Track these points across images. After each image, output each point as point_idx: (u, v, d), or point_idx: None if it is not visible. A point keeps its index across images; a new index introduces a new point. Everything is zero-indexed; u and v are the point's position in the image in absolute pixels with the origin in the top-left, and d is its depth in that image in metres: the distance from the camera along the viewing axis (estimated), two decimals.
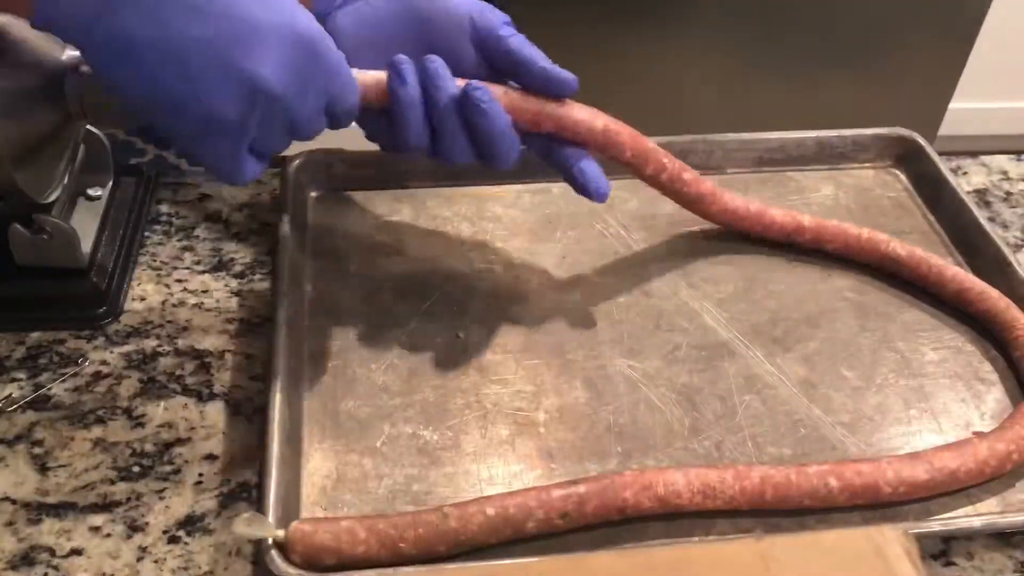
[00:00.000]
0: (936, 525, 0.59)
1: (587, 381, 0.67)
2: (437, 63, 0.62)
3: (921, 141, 0.85)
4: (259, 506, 0.57)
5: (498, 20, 0.65)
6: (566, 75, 0.64)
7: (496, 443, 0.63)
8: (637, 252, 0.78)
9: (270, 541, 0.54)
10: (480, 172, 0.74)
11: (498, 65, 0.65)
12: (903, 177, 0.85)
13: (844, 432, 0.64)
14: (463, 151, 0.64)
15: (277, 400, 0.61)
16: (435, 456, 0.62)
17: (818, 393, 0.67)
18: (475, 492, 0.59)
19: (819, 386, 0.67)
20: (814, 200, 0.83)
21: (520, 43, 0.64)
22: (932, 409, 0.66)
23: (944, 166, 0.82)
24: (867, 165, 0.86)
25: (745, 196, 0.77)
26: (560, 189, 0.81)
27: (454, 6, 0.65)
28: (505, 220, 0.80)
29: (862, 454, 0.63)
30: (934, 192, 0.82)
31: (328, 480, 0.60)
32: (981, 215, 0.77)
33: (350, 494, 0.60)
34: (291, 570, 0.53)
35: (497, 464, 0.62)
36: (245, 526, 0.53)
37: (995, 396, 0.67)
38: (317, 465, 0.61)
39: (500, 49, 0.64)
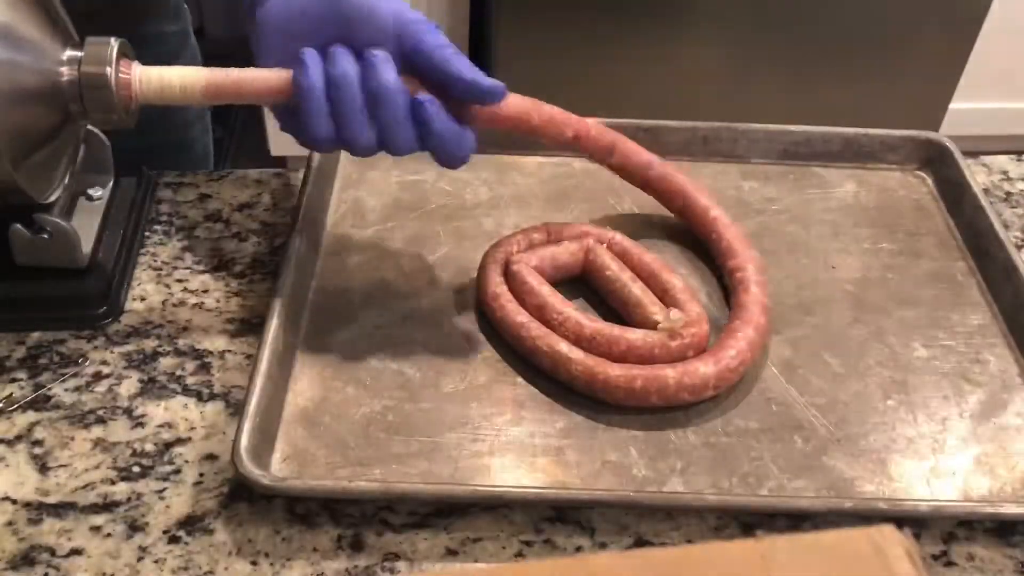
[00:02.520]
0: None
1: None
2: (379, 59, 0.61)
3: (949, 145, 0.84)
4: (240, 414, 0.60)
5: (422, 28, 0.62)
6: (492, 84, 0.61)
7: (474, 387, 0.66)
8: (645, 229, 0.78)
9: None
10: (505, 140, 0.79)
11: (424, 75, 0.62)
12: (929, 180, 0.85)
13: (816, 413, 0.65)
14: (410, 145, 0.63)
15: (274, 322, 0.65)
16: (414, 392, 0.66)
17: (797, 375, 0.68)
18: (446, 428, 0.63)
19: (800, 369, 0.68)
20: (834, 196, 0.83)
21: (444, 57, 0.61)
22: (910, 401, 0.67)
23: (968, 171, 0.81)
24: (894, 166, 0.86)
25: (763, 185, 0.81)
26: (581, 163, 0.83)
27: (378, 10, 0.62)
28: (522, 188, 0.82)
29: (830, 436, 0.64)
30: (956, 196, 0.81)
31: (311, 401, 0.65)
32: (997, 220, 0.76)
33: (329, 416, 0.64)
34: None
35: (471, 405, 0.65)
36: None
37: (979, 397, 0.67)
38: (304, 387, 0.66)
39: (426, 62, 0.62)
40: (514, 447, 0.63)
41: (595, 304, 0.72)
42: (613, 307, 0.70)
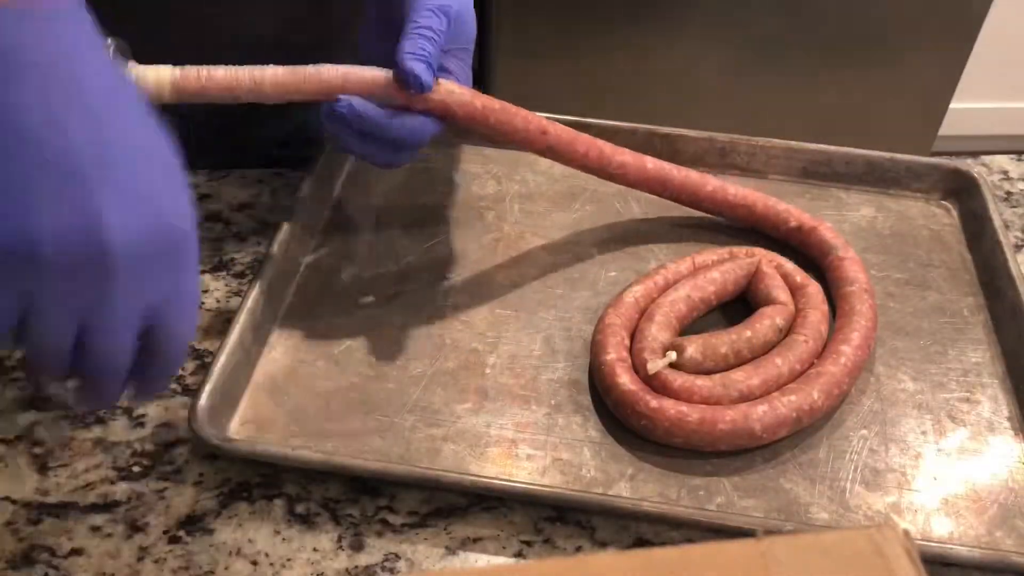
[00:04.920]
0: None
1: (547, 339, 0.69)
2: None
3: (978, 177, 0.81)
4: (206, 372, 0.61)
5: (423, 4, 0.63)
6: (415, 73, 0.62)
7: (441, 373, 0.67)
8: (645, 236, 0.79)
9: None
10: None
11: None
12: (953, 212, 0.82)
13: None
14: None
15: (256, 290, 0.67)
16: (382, 372, 0.67)
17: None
18: (406, 410, 0.64)
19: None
20: (848, 219, 0.81)
21: (406, 31, 0.63)
22: (885, 433, 0.64)
23: (994, 205, 0.79)
24: (918, 194, 0.83)
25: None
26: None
27: None
28: (531, 184, 0.83)
29: (793, 458, 0.62)
30: (977, 230, 0.79)
31: (281, 371, 0.66)
32: (1013, 257, 0.74)
33: (295, 387, 0.65)
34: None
35: (435, 390, 0.65)
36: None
37: (960, 437, 0.65)
38: (276, 356, 0.67)
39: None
40: (468, 435, 0.63)
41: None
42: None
